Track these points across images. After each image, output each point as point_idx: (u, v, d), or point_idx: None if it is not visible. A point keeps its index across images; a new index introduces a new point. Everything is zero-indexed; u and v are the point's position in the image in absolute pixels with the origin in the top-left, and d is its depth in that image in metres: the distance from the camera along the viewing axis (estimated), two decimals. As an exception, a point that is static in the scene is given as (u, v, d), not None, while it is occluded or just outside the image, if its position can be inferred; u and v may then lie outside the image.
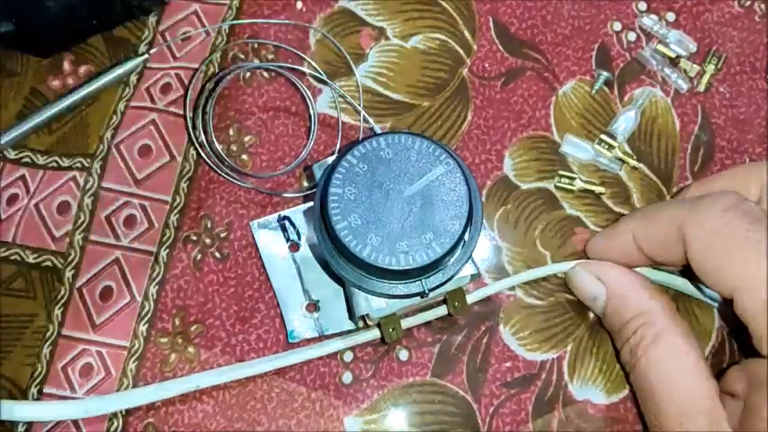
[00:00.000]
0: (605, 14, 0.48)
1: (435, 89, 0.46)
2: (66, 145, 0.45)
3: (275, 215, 0.43)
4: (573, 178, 0.45)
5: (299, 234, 0.43)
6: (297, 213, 0.43)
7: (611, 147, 0.45)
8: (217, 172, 0.44)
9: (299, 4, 0.48)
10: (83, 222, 0.43)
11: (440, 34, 0.47)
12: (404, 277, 0.35)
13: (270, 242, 0.43)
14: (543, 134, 0.46)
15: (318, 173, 0.41)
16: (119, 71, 0.46)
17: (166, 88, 0.46)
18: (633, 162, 0.45)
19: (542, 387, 0.41)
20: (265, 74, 0.47)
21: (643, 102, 0.46)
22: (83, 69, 0.47)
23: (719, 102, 0.47)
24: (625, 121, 0.46)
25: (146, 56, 0.46)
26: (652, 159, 0.46)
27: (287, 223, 0.43)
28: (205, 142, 0.45)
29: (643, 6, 0.48)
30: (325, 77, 0.46)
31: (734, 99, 0.47)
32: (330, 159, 0.40)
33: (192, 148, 0.45)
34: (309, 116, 0.46)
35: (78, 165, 0.45)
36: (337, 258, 0.36)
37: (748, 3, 0.48)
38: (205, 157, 0.45)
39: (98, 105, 0.46)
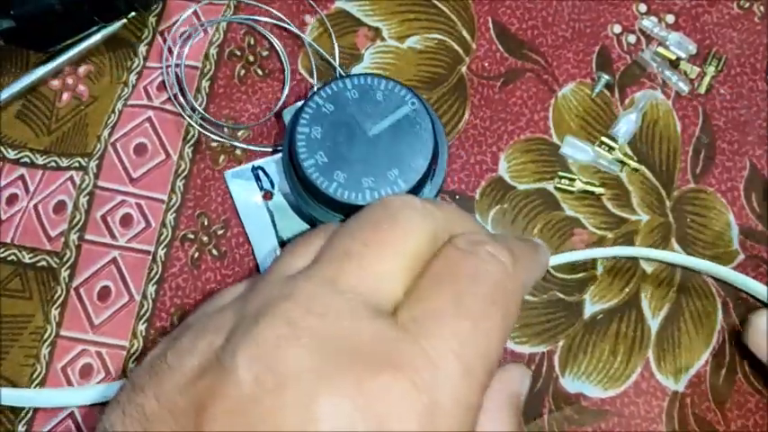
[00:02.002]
0: (605, 17, 0.49)
1: (432, 83, 0.48)
2: (65, 144, 0.46)
3: (249, 165, 0.45)
4: (573, 179, 0.46)
5: (272, 183, 0.45)
6: (270, 163, 0.45)
7: (611, 149, 0.46)
8: (189, 122, 0.46)
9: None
10: (78, 222, 0.45)
11: (437, 34, 0.48)
12: None
13: (244, 191, 0.45)
14: (541, 136, 0.47)
15: (288, 117, 0.43)
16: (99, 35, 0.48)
17: (162, 86, 0.48)
18: (634, 164, 0.46)
19: (532, 379, 0.42)
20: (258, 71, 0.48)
21: (644, 105, 0.47)
22: (82, 69, 0.48)
23: (720, 103, 0.48)
24: (626, 125, 0.47)
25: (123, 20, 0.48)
26: (654, 162, 0.47)
27: (260, 173, 0.45)
28: (179, 93, 0.47)
29: (643, 8, 0.50)
30: (297, 31, 0.48)
31: (734, 101, 0.48)
32: (300, 104, 0.42)
33: (186, 147, 0.46)
34: (283, 69, 0.48)
35: (76, 164, 0.46)
36: (306, 198, 0.39)
37: (747, 4, 0.49)
38: (179, 109, 0.46)
39: (98, 105, 0.47)
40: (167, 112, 0.47)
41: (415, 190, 0.37)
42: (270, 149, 0.46)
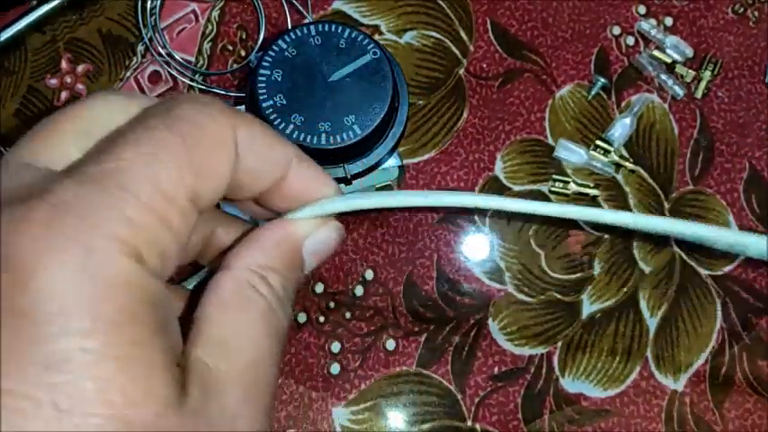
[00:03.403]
0: (605, 18, 0.50)
1: (430, 87, 0.48)
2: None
3: None
4: (567, 182, 0.46)
5: None
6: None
7: (606, 152, 0.47)
8: (166, 69, 0.47)
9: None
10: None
11: (435, 32, 0.49)
12: (326, 160, 0.38)
13: None
14: (537, 137, 0.47)
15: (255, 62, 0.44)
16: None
17: (155, 78, 0.48)
18: (630, 165, 0.47)
19: (532, 380, 0.43)
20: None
21: (639, 108, 0.48)
22: (80, 68, 0.49)
23: (718, 106, 0.48)
24: (621, 128, 0.47)
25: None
26: (651, 164, 0.47)
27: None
28: (155, 39, 0.48)
29: (642, 10, 0.50)
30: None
31: (732, 103, 0.48)
32: None
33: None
34: (258, 21, 0.49)
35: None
36: None
37: (742, 9, 0.50)
38: (154, 55, 0.47)
39: (95, 103, 0.48)
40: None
41: (372, 138, 0.39)
42: (243, 95, 0.47)
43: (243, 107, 0.44)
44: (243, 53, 0.49)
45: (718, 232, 0.32)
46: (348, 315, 0.43)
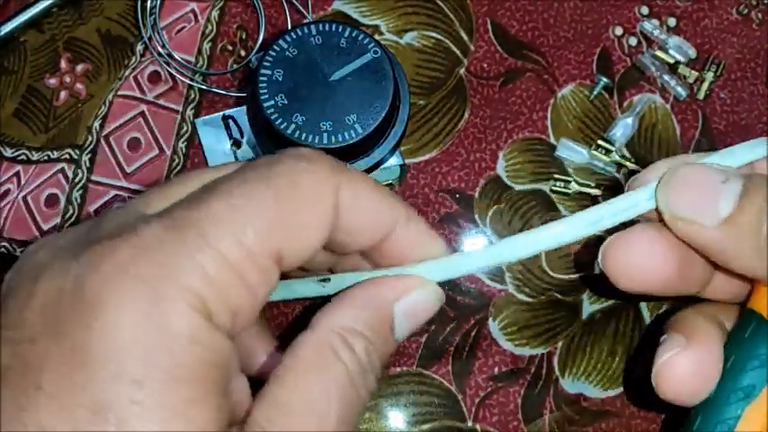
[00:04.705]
0: (608, 18, 0.50)
1: (431, 87, 0.49)
2: (59, 139, 0.47)
3: (220, 113, 0.46)
4: (568, 181, 0.46)
5: (241, 132, 0.46)
6: (241, 113, 0.46)
7: (608, 151, 0.47)
8: (165, 68, 0.47)
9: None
10: (71, 216, 0.46)
11: (436, 33, 0.50)
12: None
13: (213, 139, 0.46)
14: (539, 136, 0.48)
15: (255, 62, 0.45)
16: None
17: (154, 77, 0.49)
18: (632, 165, 0.47)
19: (532, 380, 0.43)
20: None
21: (641, 109, 0.48)
22: (80, 68, 0.49)
23: (720, 107, 0.49)
24: (622, 128, 0.48)
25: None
26: (653, 165, 0.47)
27: (230, 122, 0.46)
28: (154, 38, 0.49)
29: (645, 11, 0.51)
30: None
31: (735, 105, 0.49)
32: None
33: (180, 142, 0.47)
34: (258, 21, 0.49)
35: (66, 156, 0.47)
36: (266, 141, 0.40)
37: (746, 11, 0.51)
38: (154, 54, 0.48)
39: (96, 102, 0.48)
40: (160, 107, 0.48)
41: (374, 137, 0.39)
42: (244, 95, 0.48)
43: (244, 107, 0.45)
44: (243, 53, 0.49)
45: (607, 208, 0.31)
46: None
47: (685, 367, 0.32)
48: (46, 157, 0.47)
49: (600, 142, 0.47)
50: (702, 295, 0.35)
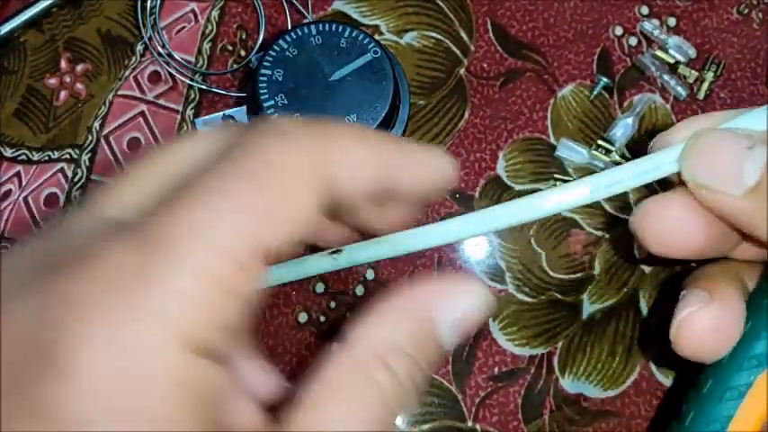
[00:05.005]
0: (608, 18, 0.50)
1: (431, 87, 0.49)
2: (59, 139, 0.48)
3: (220, 113, 0.46)
4: (568, 182, 0.47)
5: None
6: (241, 113, 0.46)
7: (608, 152, 0.47)
8: (165, 68, 0.48)
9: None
10: (72, 216, 0.46)
11: (436, 33, 0.50)
12: None
13: None
14: (539, 136, 0.48)
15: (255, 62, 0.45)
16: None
17: (154, 77, 0.49)
18: (632, 165, 0.47)
19: (532, 380, 0.43)
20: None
21: (641, 109, 0.48)
22: (80, 67, 0.49)
23: (720, 107, 0.49)
24: (623, 128, 0.48)
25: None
26: (653, 166, 0.48)
27: (230, 122, 0.46)
28: (154, 38, 0.49)
29: (645, 11, 0.51)
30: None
31: (735, 105, 0.49)
32: None
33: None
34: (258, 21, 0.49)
35: (67, 156, 0.47)
36: None
37: (747, 10, 0.51)
38: (154, 54, 0.48)
39: (96, 102, 0.48)
40: (160, 107, 0.48)
41: None
42: (244, 95, 0.48)
43: (244, 107, 0.45)
44: (243, 53, 0.49)
45: (630, 169, 0.30)
46: (349, 315, 0.44)
47: (707, 323, 0.31)
48: (46, 158, 0.47)
49: (600, 142, 0.47)
50: (729, 256, 0.34)
